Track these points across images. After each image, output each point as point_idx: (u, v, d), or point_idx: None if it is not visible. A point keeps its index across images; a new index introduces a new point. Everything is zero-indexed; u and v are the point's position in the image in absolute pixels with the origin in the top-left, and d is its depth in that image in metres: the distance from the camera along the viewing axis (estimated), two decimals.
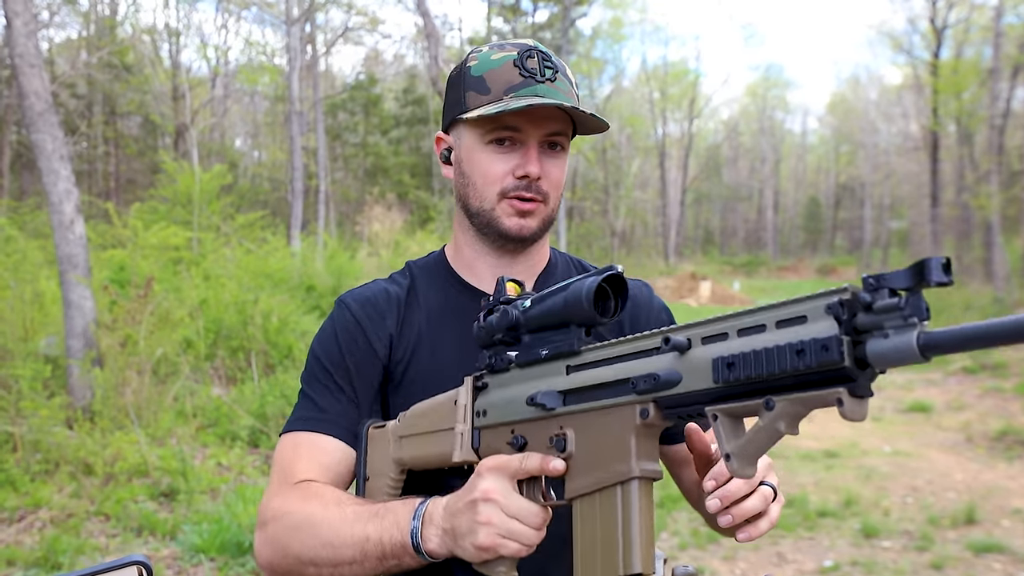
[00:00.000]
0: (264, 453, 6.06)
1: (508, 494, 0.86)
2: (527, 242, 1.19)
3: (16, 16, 5.83)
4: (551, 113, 1.12)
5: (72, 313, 6.07)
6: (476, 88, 1.13)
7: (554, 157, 1.16)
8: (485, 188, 1.15)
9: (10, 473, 4.95)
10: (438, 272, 1.27)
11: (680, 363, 0.73)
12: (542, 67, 1.13)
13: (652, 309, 1.30)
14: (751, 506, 0.91)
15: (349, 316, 1.20)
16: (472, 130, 1.15)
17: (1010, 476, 5.27)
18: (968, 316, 14.57)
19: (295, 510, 1.03)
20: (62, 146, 6.07)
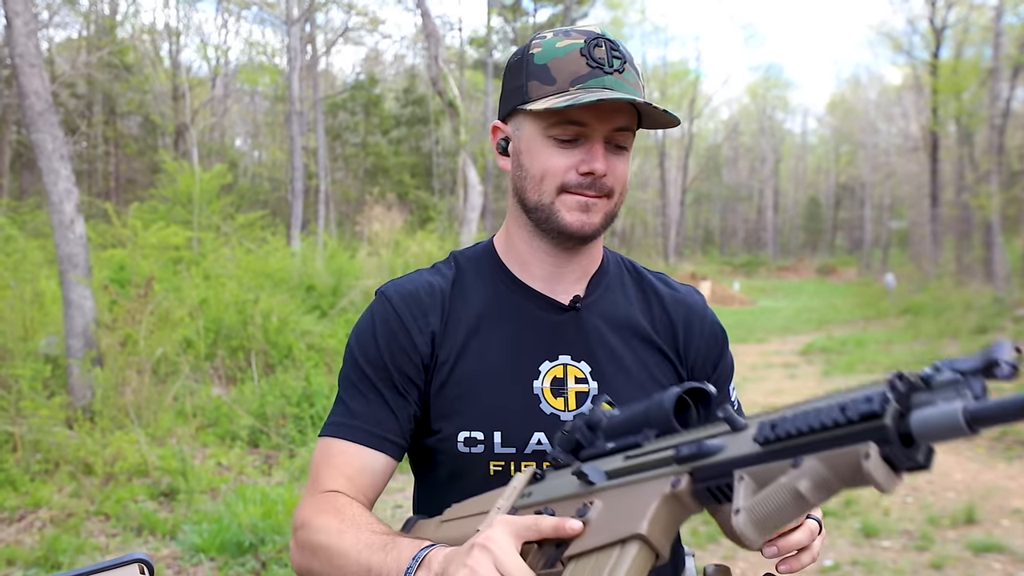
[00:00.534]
0: (264, 453, 6.06)
1: (507, 549, 0.79)
2: (587, 239, 1.13)
3: (16, 16, 5.84)
4: (619, 106, 1.06)
5: (72, 312, 6.07)
6: (540, 77, 1.07)
7: (619, 153, 1.10)
8: (545, 182, 1.09)
9: (10, 473, 4.95)
10: (487, 266, 1.21)
11: (729, 438, 0.71)
12: (610, 57, 1.06)
13: (705, 321, 1.25)
14: (797, 540, 0.90)
15: (390, 310, 1.15)
16: (534, 121, 1.09)
17: (1010, 476, 5.27)
18: (968, 316, 14.57)
19: (318, 527, 1.01)
20: (62, 146, 6.07)
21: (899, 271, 27.08)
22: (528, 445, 1.09)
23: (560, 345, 1.14)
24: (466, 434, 1.10)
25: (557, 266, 1.16)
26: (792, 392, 9.09)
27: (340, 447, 1.10)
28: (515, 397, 1.11)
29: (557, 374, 1.13)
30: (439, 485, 1.16)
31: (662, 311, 1.22)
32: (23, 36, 5.87)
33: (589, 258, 1.19)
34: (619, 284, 1.22)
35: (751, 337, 15.13)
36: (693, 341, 1.21)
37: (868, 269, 37.14)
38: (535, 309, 1.16)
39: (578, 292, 1.17)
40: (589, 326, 1.16)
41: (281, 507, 4.33)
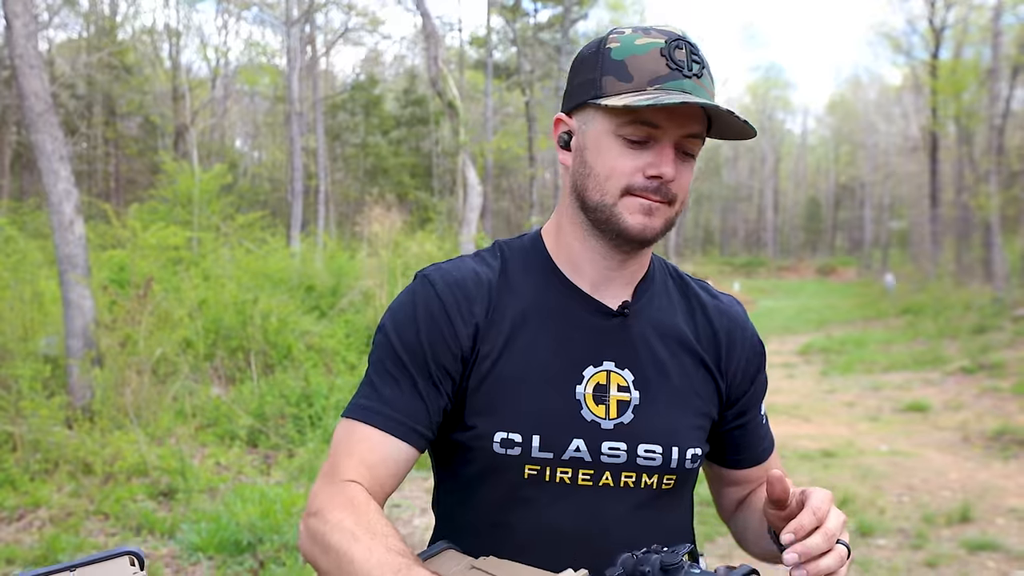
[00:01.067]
0: (263, 452, 6.07)
1: None
2: (646, 244, 1.09)
3: (16, 18, 5.86)
4: (693, 112, 1.03)
5: (72, 313, 6.09)
6: (616, 73, 1.03)
7: (686, 160, 1.06)
8: (609, 182, 1.05)
9: (9, 472, 4.97)
10: (536, 261, 1.16)
11: None
12: (690, 60, 1.03)
13: (747, 334, 1.22)
14: (826, 564, 0.91)
15: (433, 295, 1.10)
16: (605, 118, 1.04)
17: (1006, 475, 5.29)
18: (967, 316, 14.59)
19: (333, 524, 0.98)
20: (62, 147, 6.09)
21: (899, 271, 27.10)
22: (566, 451, 1.06)
23: (605, 350, 1.11)
24: (503, 435, 1.06)
25: (609, 269, 1.12)
26: (790, 391, 9.11)
27: (364, 432, 1.06)
28: (556, 401, 1.08)
29: (600, 380, 1.10)
30: (468, 483, 1.12)
31: (706, 321, 1.19)
32: (23, 38, 5.89)
33: (639, 263, 1.16)
34: (664, 291, 1.19)
35: None
36: (735, 354, 1.19)
37: (868, 269, 37.19)
38: (582, 312, 1.12)
39: (626, 298, 1.14)
40: (636, 333, 1.13)
41: (279, 507, 4.35)
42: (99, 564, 0.80)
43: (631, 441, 1.07)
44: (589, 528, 1.07)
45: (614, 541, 0.99)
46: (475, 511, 1.12)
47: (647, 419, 1.09)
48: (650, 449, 1.08)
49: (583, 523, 1.07)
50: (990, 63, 17.48)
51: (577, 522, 1.07)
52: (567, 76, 1.15)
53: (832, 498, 0.95)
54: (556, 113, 1.14)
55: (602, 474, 1.07)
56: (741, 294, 27.00)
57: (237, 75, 26.91)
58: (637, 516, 1.09)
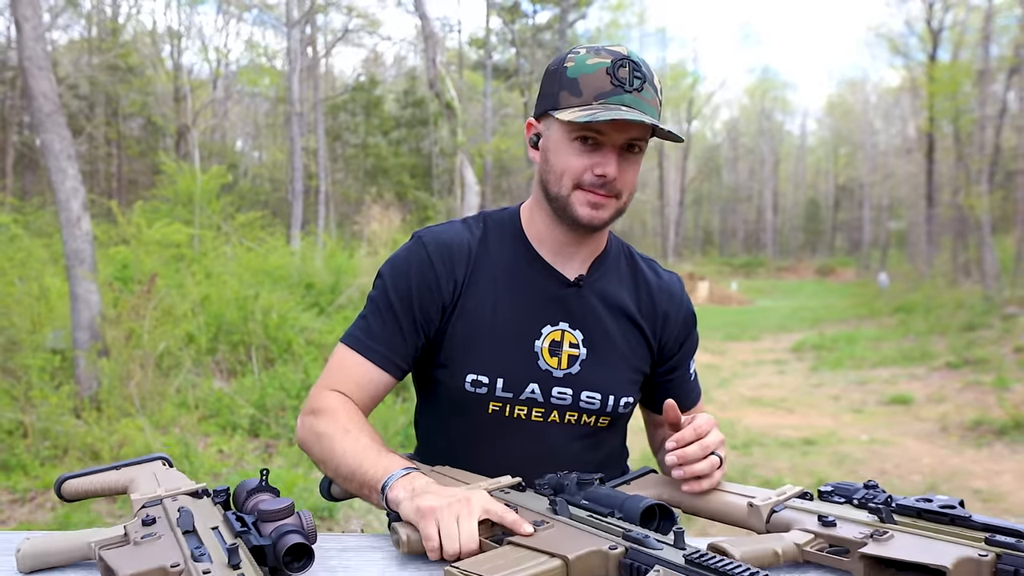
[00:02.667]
0: (264, 441, 6.27)
1: (473, 512, 0.97)
2: (596, 230, 1.33)
3: (26, 21, 6.06)
4: (636, 123, 1.24)
5: (79, 307, 6.29)
6: (570, 89, 1.25)
7: (631, 159, 1.28)
8: (564, 178, 1.27)
9: (21, 458, 5.19)
10: (511, 232, 1.40)
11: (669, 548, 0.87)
12: (631, 77, 1.24)
13: (682, 307, 1.46)
14: (699, 468, 1.16)
15: (424, 256, 1.34)
16: (561, 125, 1.27)
17: (975, 461, 5.49)
18: (959, 314, 14.78)
19: (328, 418, 1.24)
20: (69, 146, 6.30)
21: (894, 271, 27.26)
22: (523, 393, 1.31)
23: (561, 313, 1.35)
24: (473, 376, 1.31)
25: (567, 246, 1.36)
26: (779, 386, 9.31)
27: (356, 359, 1.31)
28: (518, 351, 1.32)
29: (555, 337, 1.34)
30: (443, 414, 1.39)
31: (648, 296, 1.42)
32: (32, 40, 6.10)
33: (595, 244, 1.39)
34: (616, 268, 1.43)
35: (745, 335, 15.33)
36: (669, 324, 1.43)
37: (867, 270, 37.26)
38: (545, 280, 1.36)
39: (582, 272, 1.38)
40: (587, 301, 1.37)
41: (281, 484, 4.55)
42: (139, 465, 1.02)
43: (576, 388, 1.34)
44: (537, 452, 1.33)
45: (556, 464, 1.23)
46: (446, 437, 1.39)
47: (591, 372, 1.35)
48: (591, 396, 1.34)
49: (532, 449, 1.33)
50: (981, 65, 17.66)
51: (527, 448, 1.33)
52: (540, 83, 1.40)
53: (714, 422, 1.22)
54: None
55: (551, 412, 1.34)
56: (739, 294, 27.18)
57: (238, 76, 27.10)
58: (576, 445, 1.36)
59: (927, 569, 0.88)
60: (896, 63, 41.29)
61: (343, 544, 1.04)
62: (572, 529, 0.96)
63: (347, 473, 1.15)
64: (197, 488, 0.98)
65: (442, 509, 0.97)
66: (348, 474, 1.15)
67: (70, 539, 0.88)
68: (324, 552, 0.95)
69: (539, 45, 26.68)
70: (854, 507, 1.03)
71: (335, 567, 0.95)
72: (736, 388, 9.08)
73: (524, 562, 0.89)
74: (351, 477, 1.14)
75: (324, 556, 0.96)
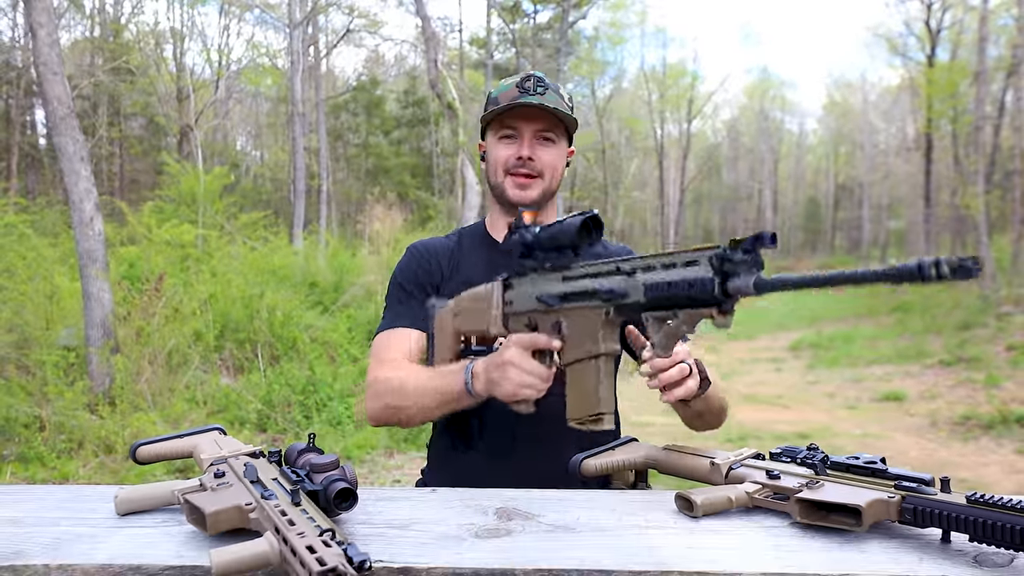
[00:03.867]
0: (271, 436, 6.45)
1: (524, 360, 1.25)
2: (529, 208, 1.55)
3: (40, 27, 6.24)
4: (540, 115, 1.61)
5: (92, 305, 6.47)
6: (492, 103, 1.64)
7: (546, 145, 1.64)
8: (496, 168, 1.65)
9: (38, 450, 5.37)
10: (479, 235, 1.78)
11: (627, 283, 1.07)
12: (535, 86, 1.61)
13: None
14: (669, 375, 1.38)
15: (420, 250, 1.74)
16: (491, 133, 1.67)
17: (962, 454, 5.67)
18: (954, 314, 14.94)
19: (391, 376, 1.53)
20: (82, 148, 6.48)
21: None
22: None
23: None
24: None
25: None
26: (775, 384, 9.49)
27: (391, 335, 1.64)
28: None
29: None
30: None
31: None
32: (46, 46, 6.27)
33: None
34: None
35: (743, 334, 15.49)
36: None
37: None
38: (508, 260, 1.60)
39: None
40: None
41: None
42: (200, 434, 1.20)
43: None
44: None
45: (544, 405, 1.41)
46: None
47: None
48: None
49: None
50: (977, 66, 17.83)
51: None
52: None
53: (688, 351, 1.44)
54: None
55: None
56: None
57: (240, 76, 27.26)
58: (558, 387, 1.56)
59: (847, 508, 1.08)
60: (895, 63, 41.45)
61: (377, 496, 1.25)
62: (574, 312, 1.19)
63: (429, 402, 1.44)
64: (254, 450, 1.16)
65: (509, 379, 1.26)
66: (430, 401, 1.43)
67: (156, 488, 1.08)
68: (362, 501, 1.14)
69: (539, 45, 26.84)
70: (797, 464, 1.24)
71: (371, 511, 1.16)
72: (733, 385, 9.26)
73: (594, 373, 1.16)
74: (435, 401, 1.43)
75: (362, 503, 1.16)
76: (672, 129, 42.94)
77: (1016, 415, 6.63)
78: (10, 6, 20.92)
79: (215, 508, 0.95)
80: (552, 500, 1.24)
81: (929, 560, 1.00)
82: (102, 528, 1.07)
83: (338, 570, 0.75)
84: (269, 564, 0.84)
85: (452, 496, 1.26)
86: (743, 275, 0.90)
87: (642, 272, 1.05)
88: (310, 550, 0.79)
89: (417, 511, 1.17)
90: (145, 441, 1.25)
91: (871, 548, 1.04)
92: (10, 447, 5.39)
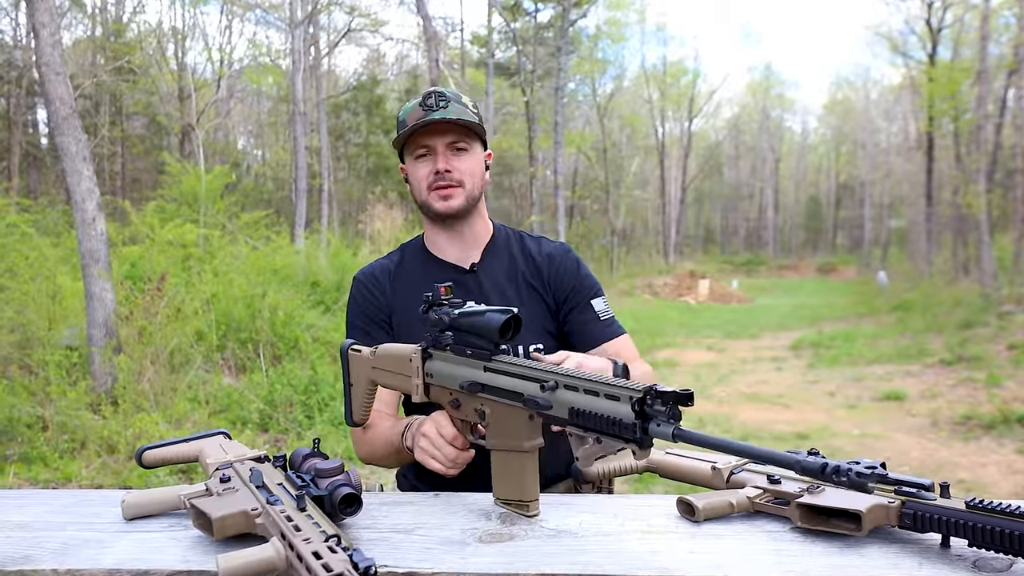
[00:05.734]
0: (274, 436, 6.47)
1: (437, 439, 1.33)
2: (457, 217, 1.70)
3: (43, 28, 6.25)
4: (448, 128, 1.66)
5: (94, 305, 6.48)
6: (400, 126, 1.71)
7: (460, 154, 1.68)
8: (419, 187, 1.70)
9: (41, 450, 5.39)
10: (418, 250, 1.82)
11: (551, 397, 1.11)
12: (437, 102, 1.66)
13: (564, 261, 1.78)
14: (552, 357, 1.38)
15: (362, 281, 1.79)
16: (407, 155, 1.73)
17: (963, 454, 5.67)
18: (955, 313, 14.94)
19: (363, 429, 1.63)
20: (84, 148, 6.49)
21: (895, 269, 27.42)
22: None
23: (465, 296, 1.64)
24: None
25: (450, 240, 1.75)
26: (776, 383, 9.50)
27: None
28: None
29: None
30: None
31: (533, 262, 1.77)
32: (49, 46, 6.28)
33: (474, 232, 1.76)
34: (506, 248, 1.79)
35: (745, 333, 15.49)
36: (555, 276, 1.76)
37: (868, 268, 37.35)
38: (447, 273, 1.74)
39: (475, 259, 1.75)
40: (484, 281, 1.73)
41: None
42: (206, 438, 1.21)
43: None
44: None
45: None
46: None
47: None
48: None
49: None
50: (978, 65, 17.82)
51: None
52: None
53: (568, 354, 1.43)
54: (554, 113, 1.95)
55: None
56: (739, 292, 27.35)
57: (241, 76, 27.27)
58: None
59: (847, 513, 1.09)
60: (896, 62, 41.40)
61: (381, 500, 1.26)
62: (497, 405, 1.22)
63: (384, 452, 1.58)
64: (259, 454, 1.17)
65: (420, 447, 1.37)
66: (387, 451, 1.57)
67: (163, 493, 1.09)
68: (366, 506, 1.15)
69: (541, 43, 26.83)
70: None
71: (376, 516, 1.18)
72: (734, 385, 9.27)
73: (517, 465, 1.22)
74: (389, 451, 1.56)
75: (366, 508, 1.17)
76: (673, 128, 42.94)
77: (1017, 415, 6.64)
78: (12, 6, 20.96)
79: (221, 513, 0.96)
80: (555, 504, 1.26)
81: (929, 565, 1.01)
82: (109, 533, 1.09)
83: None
84: (275, 569, 0.85)
85: (456, 501, 1.27)
86: (663, 425, 0.95)
87: (564, 389, 1.08)
88: (316, 556, 0.80)
89: (421, 516, 1.18)
90: (150, 445, 1.26)
91: (871, 553, 1.05)
92: (13, 447, 5.40)
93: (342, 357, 1.54)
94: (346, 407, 1.54)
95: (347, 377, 1.53)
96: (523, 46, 25.49)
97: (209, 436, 1.26)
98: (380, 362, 1.45)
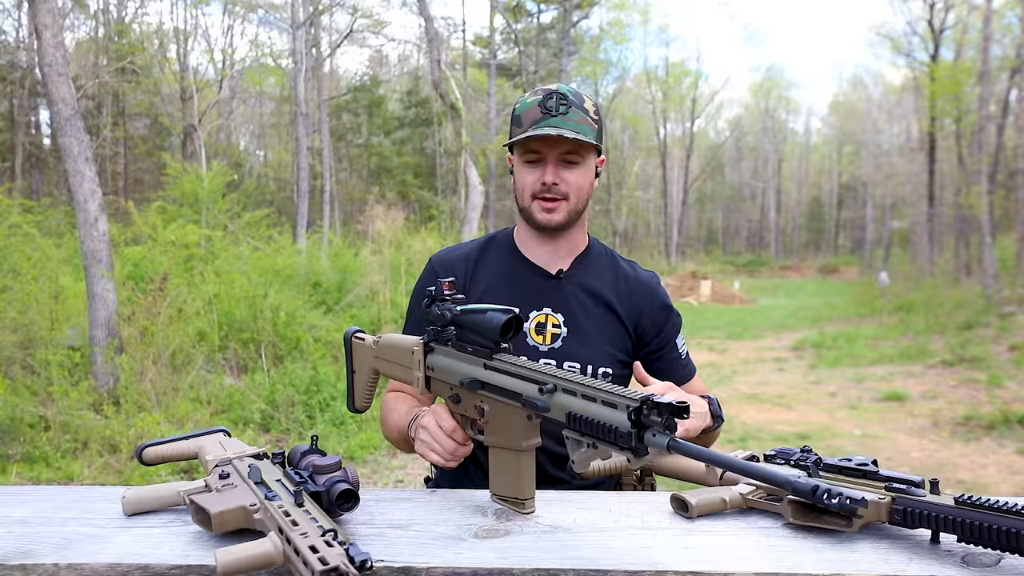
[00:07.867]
0: (275, 436, 6.48)
1: (436, 431, 1.32)
2: (556, 230, 1.68)
3: (45, 28, 6.27)
4: (563, 140, 1.60)
5: (96, 305, 6.50)
6: (516, 124, 1.64)
7: (570, 167, 1.63)
8: (523, 193, 1.66)
9: (43, 450, 5.41)
10: (505, 243, 1.80)
11: (549, 399, 1.09)
12: (557, 105, 1.60)
13: (656, 298, 1.75)
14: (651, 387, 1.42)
15: (437, 264, 1.77)
16: (517, 154, 1.67)
17: (963, 455, 5.68)
18: (957, 314, 14.94)
19: (388, 399, 1.69)
20: (87, 149, 6.51)
21: (897, 270, 27.39)
22: None
23: (545, 300, 1.68)
24: None
25: (543, 246, 1.72)
26: (777, 383, 9.50)
27: None
28: None
29: (540, 320, 1.67)
30: None
31: (627, 289, 1.74)
32: (51, 47, 6.31)
33: (571, 243, 1.73)
34: (597, 264, 1.76)
35: (746, 334, 15.49)
36: (645, 312, 1.73)
37: (870, 269, 37.30)
38: (531, 275, 1.72)
39: (564, 267, 1.72)
40: (567, 290, 1.71)
41: None
42: (205, 436, 1.23)
43: (559, 359, 1.66)
44: None
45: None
46: None
47: (571, 346, 1.66)
48: (572, 365, 1.65)
49: None
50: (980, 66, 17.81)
51: None
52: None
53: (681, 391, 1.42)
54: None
55: None
56: (741, 293, 27.33)
57: (243, 76, 27.32)
58: None
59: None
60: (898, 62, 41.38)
61: (378, 496, 1.27)
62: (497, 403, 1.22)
63: (396, 436, 1.61)
64: (258, 451, 1.19)
65: (419, 439, 1.36)
66: (398, 436, 1.59)
67: (162, 489, 1.10)
68: (363, 502, 1.16)
69: (543, 44, 26.85)
70: (790, 466, 1.26)
71: (373, 512, 1.19)
72: (736, 385, 9.27)
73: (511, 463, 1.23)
74: (400, 436, 1.56)
75: (363, 505, 1.19)
76: (675, 128, 42.92)
77: (1018, 415, 6.64)
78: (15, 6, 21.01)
79: (220, 509, 0.97)
80: (550, 501, 1.27)
81: (918, 560, 1.02)
82: (109, 528, 1.10)
83: (340, 569, 0.78)
84: (273, 563, 0.87)
85: (452, 497, 1.29)
86: (658, 435, 0.95)
87: (562, 393, 1.08)
88: (313, 550, 0.82)
89: (417, 512, 1.20)
90: (151, 442, 1.28)
91: (862, 548, 1.07)
92: (15, 447, 5.43)
93: (345, 344, 1.54)
94: (348, 394, 1.55)
95: (350, 364, 1.53)
96: (525, 47, 25.50)
97: (209, 433, 1.28)
98: (383, 352, 1.46)
